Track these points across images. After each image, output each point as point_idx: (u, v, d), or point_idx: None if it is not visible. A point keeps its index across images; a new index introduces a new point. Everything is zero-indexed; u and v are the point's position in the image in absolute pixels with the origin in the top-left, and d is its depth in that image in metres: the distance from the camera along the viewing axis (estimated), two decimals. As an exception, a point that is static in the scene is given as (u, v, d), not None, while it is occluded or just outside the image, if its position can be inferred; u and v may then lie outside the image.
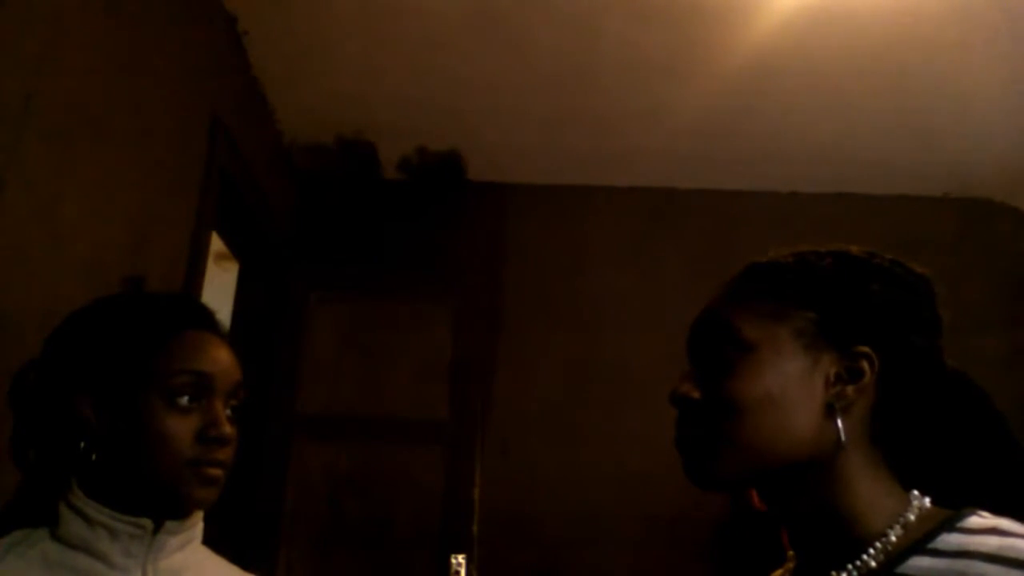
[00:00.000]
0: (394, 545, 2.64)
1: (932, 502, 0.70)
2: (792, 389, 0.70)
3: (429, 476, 2.68)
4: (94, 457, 0.88)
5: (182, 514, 0.92)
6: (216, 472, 0.90)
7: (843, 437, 0.69)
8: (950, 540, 0.64)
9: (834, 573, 0.68)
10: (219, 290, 2.50)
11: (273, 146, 2.74)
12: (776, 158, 2.85)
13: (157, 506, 0.89)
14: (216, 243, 2.26)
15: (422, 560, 2.60)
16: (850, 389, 0.70)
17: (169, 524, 0.90)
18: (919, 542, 0.65)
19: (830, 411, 0.70)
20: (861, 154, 2.79)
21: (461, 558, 2.50)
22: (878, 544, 0.67)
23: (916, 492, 0.71)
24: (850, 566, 0.67)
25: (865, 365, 0.70)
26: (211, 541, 0.99)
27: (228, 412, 0.94)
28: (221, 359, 0.94)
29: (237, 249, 2.63)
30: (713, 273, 0.86)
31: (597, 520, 2.66)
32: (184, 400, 0.90)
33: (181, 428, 0.89)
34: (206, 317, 0.99)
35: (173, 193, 1.86)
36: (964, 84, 2.38)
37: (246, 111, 2.42)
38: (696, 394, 0.74)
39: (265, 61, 2.40)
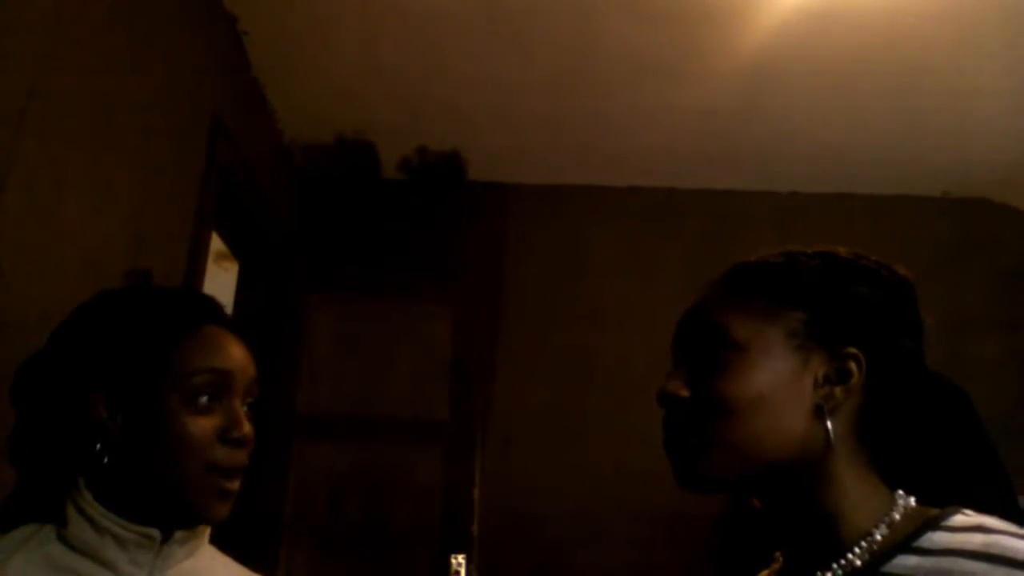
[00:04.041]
0: (394, 545, 2.64)
1: (917, 502, 0.70)
2: (782, 390, 0.70)
3: (429, 476, 2.69)
4: (106, 459, 0.85)
5: (193, 525, 0.90)
6: (234, 486, 0.88)
7: (832, 438, 0.69)
8: (935, 538, 0.64)
9: (819, 573, 0.68)
10: (219, 290, 2.50)
11: (273, 146, 2.74)
12: (776, 158, 2.86)
13: (168, 516, 0.87)
14: (216, 243, 2.26)
15: (422, 560, 2.60)
16: (839, 390, 0.70)
17: (178, 534, 0.88)
18: (904, 541, 0.65)
19: (819, 412, 0.70)
20: (861, 154, 2.79)
21: (461, 558, 2.50)
22: (863, 543, 0.67)
23: (901, 492, 0.71)
24: (835, 565, 0.67)
25: (853, 366, 0.70)
26: (212, 540, 0.99)
27: (245, 410, 0.92)
28: (238, 356, 0.92)
29: (237, 249, 2.63)
30: (713, 273, 0.86)
31: (597, 519, 2.66)
32: (204, 400, 0.87)
33: (202, 429, 0.86)
34: (218, 312, 0.97)
35: (173, 193, 1.86)
36: (963, 84, 2.38)
37: (246, 111, 2.42)
38: (685, 392, 0.74)
39: (265, 61, 2.40)
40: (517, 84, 2.49)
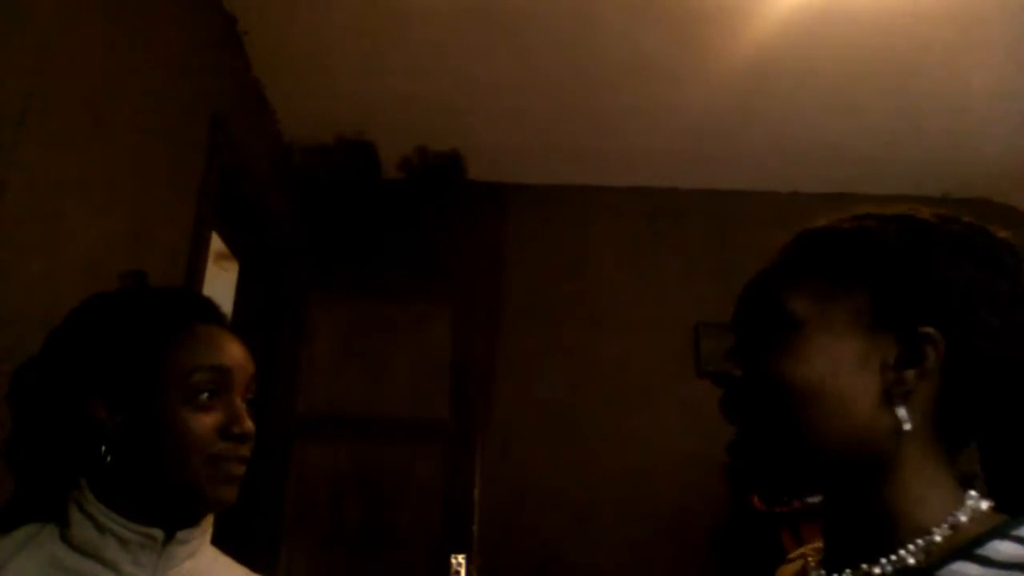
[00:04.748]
0: (394, 545, 2.63)
1: (994, 507, 0.63)
2: (846, 373, 0.63)
3: (429, 476, 2.68)
4: (108, 459, 0.86)
5: (201, 515, 0.90)
6: (239, 470, 0.89)
7: (905, 427, 0.62)
8: (1002, 549, 0.57)
9: (865, 566, 0.62)
10: (219, 290, 2.50)
11: (273, 146, 2.74)
12: (776, 158, 2.86)
13: (176, 508, 0.87)
14: (216, 243, 2.26)
15: (422, 560, 2.60)
16: (910, 374, 0.62)
17: (180, 534, 0.88)
18: (967, 547, 0.59)
19: (888, 398, 0.63)
20: (861, 154, 2.79)
21: (461, 558, 2.50)
22: (919, 541, 0.61)
23: (974, 493, 0.63)
24: (884, 560, 0.61)
25: (928, 348, 0.62)
26: (212, 540, 0.99)
27: (245, 407, 0.92)
28: (236, 353, 0.93)
29: (237, 249, 2.63)
30: (713, 273, 0.85)
31: (597, 520, 2.66)
32: (204, 397, 0.88)
33: (203, 426, 0.87)
34: (214, 310, 0.98)
35: (173, 193, 1.86)
36: (963, 84, 2.38)
37: (246, 111, 2.42)
38: (738, 372, 0.68)
39: (265, 61, 2.40)
40: (517, 84, 2.49)
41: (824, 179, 2.93)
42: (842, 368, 0.64)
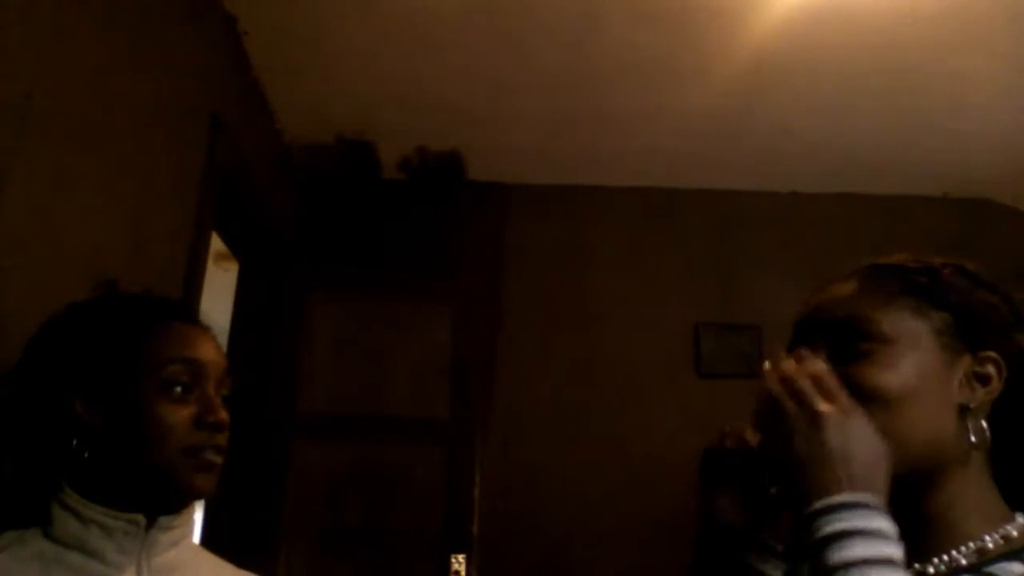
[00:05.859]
0: (394, 545, 2.63)
1: None
2: (930, 384, 0.70)
3: (429, 476, 2.68)
4: (86, 455, 0.88)
5: (180, 505, 0.92)
6: (215, 459, 0.91)
7: (974, 441, 0.69)
8: None
9: (918, 565, 0.67)
10: (219, 290, 2.50)
11: (273, 146, 2.74)
12: (776, 158, 2.85)
13: (155, 498, 0.89)
14: (216, 243, 2.26)
15: (422, 560, 2.60)
16: (980, 391, 0.71)
17: (162, 520, 0.90)
18: (1018, 551, 0.65)
19: (963, 412, 0.70)
20: (861, 154, 2.79)
21: (461, 558, 2.50)
22: (971, 544, 0.66)
23: (1020, 512, 0.70)
24: (936, 560, 0.67)
25: (992, 370, 0.71)
26: (212, 540, 0.99)
27: (219, 400, 0.94)
28: (209, 348, 0.96)
29: (237, 249, 2.63)
30: (713, 273, 0.85)
31: (597, 520, 2.66)
32: (178, 390, 0.91)
33: (178, 416, 0.89)
34: (186, 311, 1.01)
35: (173, 193, 1.86)
36: (964, 84, 2.38)
37: (246, 111, 2.41)
38: None
39: (265, 61, 2.40)
40: (517, 84, 2.49)
41: (824, 179, 2.93)
42: (928, 378, 0.70)
